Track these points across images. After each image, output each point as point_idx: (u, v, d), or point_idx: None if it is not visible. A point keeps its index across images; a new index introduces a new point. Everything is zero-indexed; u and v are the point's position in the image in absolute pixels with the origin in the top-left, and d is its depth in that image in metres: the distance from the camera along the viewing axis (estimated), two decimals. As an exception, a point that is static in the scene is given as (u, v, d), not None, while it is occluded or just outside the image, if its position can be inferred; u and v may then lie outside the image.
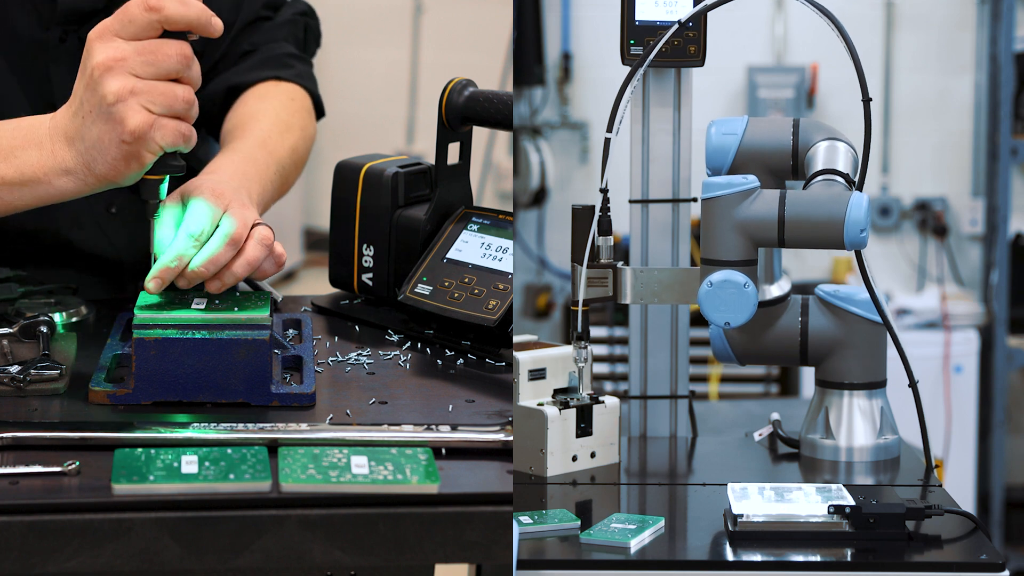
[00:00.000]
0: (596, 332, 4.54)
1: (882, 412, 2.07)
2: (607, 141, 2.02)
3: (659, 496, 1.98)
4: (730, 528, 1.74)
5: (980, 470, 4.65)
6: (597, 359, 4.26)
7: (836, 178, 2.00)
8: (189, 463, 1.50)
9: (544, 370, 2.05)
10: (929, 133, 4.94)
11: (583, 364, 2.03)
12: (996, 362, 4.60)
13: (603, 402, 2.06)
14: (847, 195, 1.91)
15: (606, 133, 2.02)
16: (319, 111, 2.31)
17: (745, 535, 1.73)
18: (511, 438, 1.60)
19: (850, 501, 1.74)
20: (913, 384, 2.05)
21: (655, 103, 2.21)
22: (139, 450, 1.53)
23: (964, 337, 4.63)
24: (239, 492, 1.46)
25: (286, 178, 2.11)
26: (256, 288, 1.93)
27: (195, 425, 1.58)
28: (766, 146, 2.11)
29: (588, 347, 2.02)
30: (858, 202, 1.90)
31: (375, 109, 6.45)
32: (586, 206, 2.03)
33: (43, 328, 1.83)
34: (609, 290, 2.06)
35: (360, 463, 1.52)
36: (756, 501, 1.76)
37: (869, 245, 2.00)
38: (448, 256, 1.95)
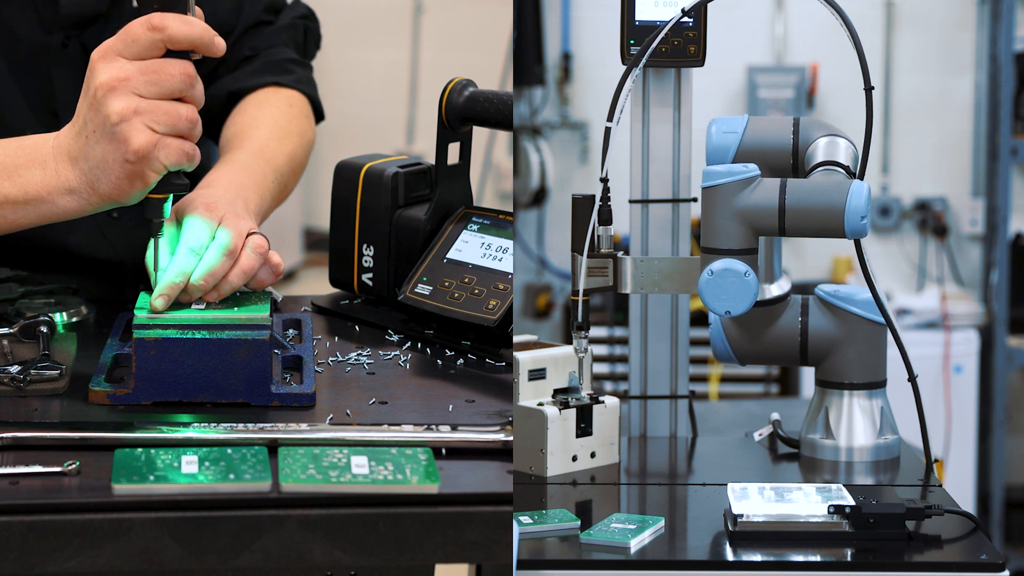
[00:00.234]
0: (596, 332, 4.54)
1: (882, 412, 2.07)
2: (607, 130, 2.02)
3: (659, 496, 1.98)
4: (730, 528, 1.74)
5: (980, 470, 4.65)
6: (597, 359, 4.26)
7: (836, 168, 2.00)
8: (189, 463, 1.50)
9: (544, 370, 2.05)
10: (929, 133, 4.93)
11: (583, 354, 2.03)
12: (996, 362, 4.60)
13: (603, 402, 2.06)
14: (848, 183, 1.91)
15: (607, 123, 2.02)
16: (319, 115, 2.32)
17: (745, 535, 1.73)
18: (511, 438, 1.60)
19: (850, 501, 1.74)
20: (912, 378, 2.04)
21: (655, 103, 2.21)
22: (139, 450, 1.53)
23: (964, 337, 4.63)
24: (239, 492, 1.46)
25: (285, 185, 2.11)
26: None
27: (195, 425, 1.58)
28: (766, 144, 2.11)
29: (588, 337, 2.02)
30: (858, 190, 1.90)
31: (375, 109, 6.45)
32: (586, 196, 2.03)
33: (43, 328, 1.83)
34: (609, 280, 2.05)
35: (360, 463, 1.52)
36: (756, 501, 1.76)
37: (869, 245, 2.00)
38: (448, 256, 1.95)
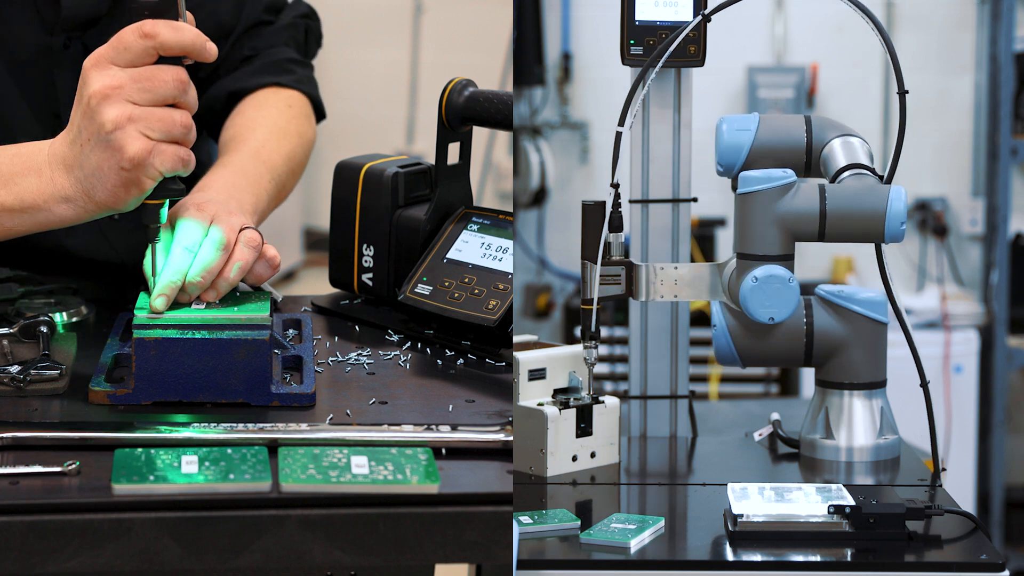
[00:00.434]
0: (596, 332, 4.53)
1: (882, 412, 2.07)
2: (618, 135, 2.01)
3: (659, 496, 1.98)
4: (730, 528, 1.74)
5: (980, 470, 4.65)
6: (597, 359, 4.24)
7: (865, 172, 2.02)
8: (189, 463, 1.50)
9: (544, 370, 2.05)
10: (929, 133, 4.93)
11: (592, 363, 2.03)
12: (996, 362, 4.60)
13: (603, 402, 2.06)
14: (886, 189, 1.94)
15: (617, 127, 2.01)
16: (320, 115, 2.31)
17: (745, 535, 1.73)
18: (511, 438, 1.60)
19: (850, 501, 1.74)
20: (924, 384, 2.02)
21: (655, 103, 2.21)
22: (139, 450, 1.53)
23: (964, 337, 4.62)
24: (239, 492, 1.46)
25: (283, 185, 2.11)
26: (256, 288, 1.93)
27: (195, 425, 1.58)
28: (780, 143, 2.11)
29: (597, 348, 2.02)
30: (898, 195, 1.93)
31: (375, 109, 6.45)
32: (596, 202, 2.02)
33: (43, 328, 1.83)
34: (622, 288, 2.05)
35: (360, 463, 1.52)
36: (756, 501, 1.76)
37: (869, 245, 2.01)
38: (448, 256, 1.95)
